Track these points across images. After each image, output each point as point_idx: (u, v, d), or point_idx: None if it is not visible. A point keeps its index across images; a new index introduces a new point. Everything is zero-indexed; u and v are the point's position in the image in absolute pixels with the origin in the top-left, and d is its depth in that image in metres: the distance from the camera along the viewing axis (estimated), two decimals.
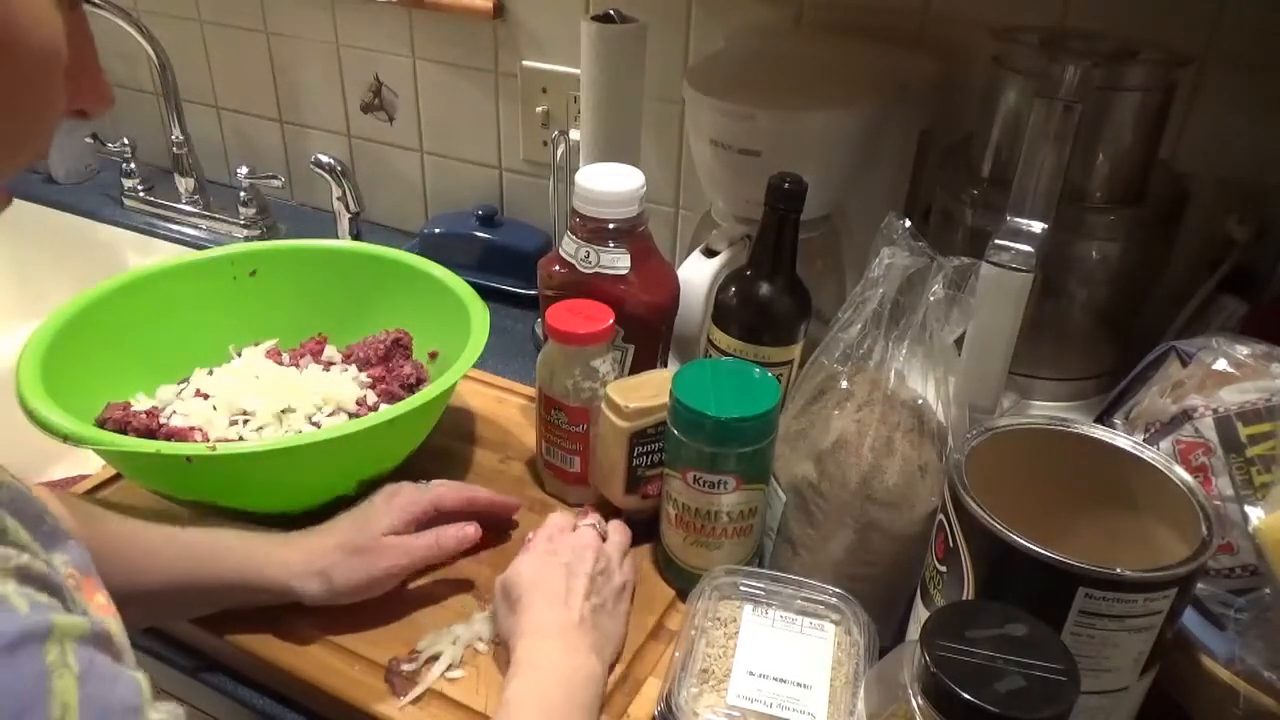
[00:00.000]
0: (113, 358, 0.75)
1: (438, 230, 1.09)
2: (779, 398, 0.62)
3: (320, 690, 0.60)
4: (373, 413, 0.70)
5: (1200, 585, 0.54)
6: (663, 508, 0.67)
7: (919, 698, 0.42)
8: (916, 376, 0.60)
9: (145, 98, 1.37)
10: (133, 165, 1.27)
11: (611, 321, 0.70)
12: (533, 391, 0.76)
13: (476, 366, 0.70)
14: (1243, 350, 0.59)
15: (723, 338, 0.72)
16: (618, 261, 0.72)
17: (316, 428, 0.71)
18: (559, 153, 0.91)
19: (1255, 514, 0.53)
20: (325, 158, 1.08)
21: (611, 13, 0.82)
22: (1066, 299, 0.76)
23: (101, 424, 0.70)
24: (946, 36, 0.84)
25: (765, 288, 0.70)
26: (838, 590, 0.60)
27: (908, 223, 0.60)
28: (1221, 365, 0.59)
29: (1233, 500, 0.55)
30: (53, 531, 0.41)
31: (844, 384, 0.61)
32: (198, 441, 0.69)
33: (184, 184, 1.25)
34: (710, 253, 0.75)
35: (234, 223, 1.22)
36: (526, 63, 1.05)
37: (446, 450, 0.80)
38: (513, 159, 1.13)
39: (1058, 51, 0.66)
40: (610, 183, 0.71)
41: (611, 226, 0.72)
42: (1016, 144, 0.69)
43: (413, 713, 0.58)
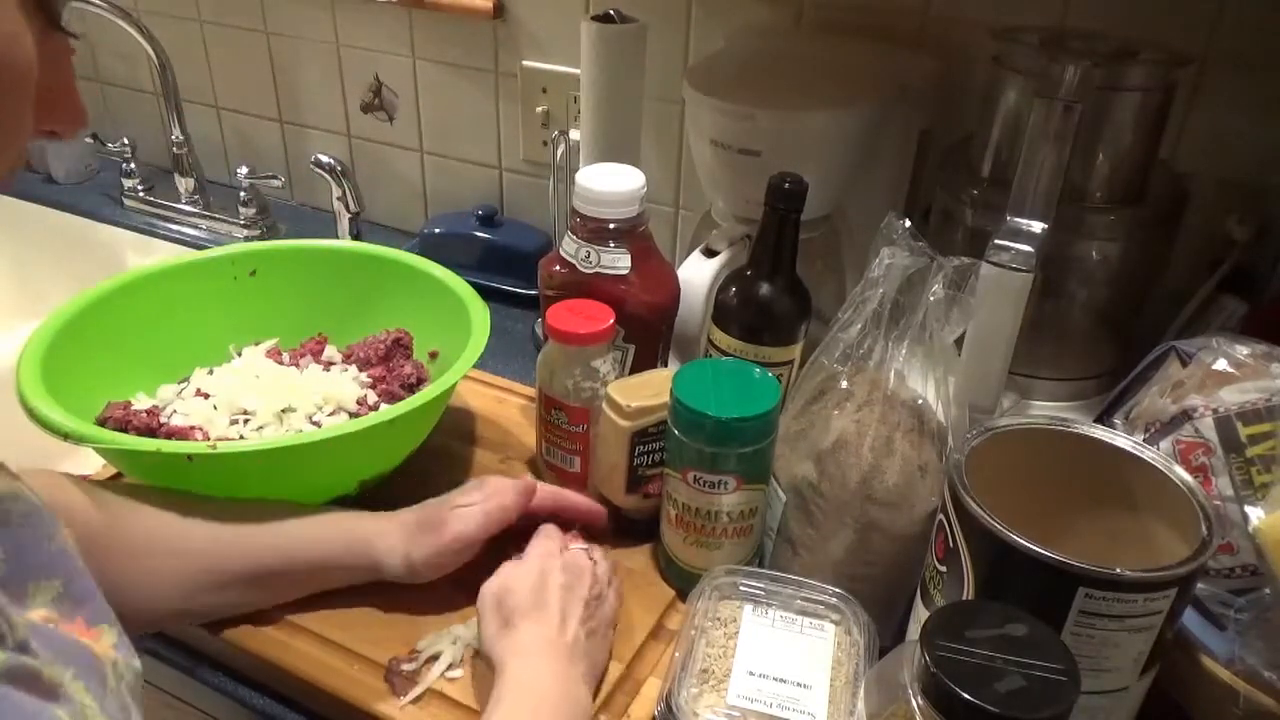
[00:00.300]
0: (113, 357, 0.75)
1: (438, 230, 1.09)
2: (779, 398, 0.62)
3: (320, 690, 0.60)
4: (373, 413, 0.70)
5: (1200, 585, 0.54)
6: (663, 508, 0.67)
7: (919, 698, 0.42)
8: (916, 376, 0.60)
9: (145, 98, 1.37)
10: (133, 165, 1.27)
11: (611, 321, 0.70)
12: (533, 391, 0.76)
13: (476, 366, 0.70)
14: (1243, 350, 0.59)
15: (723, 338, 0.72)
16: (618, 261, 0.72)
17: (317, 427, 0.71)
18: (559, 153, 0.91)
19: (1255, 514, 0.53)
20: (325, 158, 1.08)
21: (611, 13, 0.82)
22: (1066, 299, 0.76)
23: (102, 423, 0.70)
24: (946, 36, 0.84)
25: (765, 288, 0.70)
26: (838, 590, 0.60)
27: (908, 223, 0.60)
28: (1221, 365, 0.59)
29: (1233, 500, 0.55)
30: (59, 552, 0.41)
31: (844, 384, 0.61)
32: (198, 440, 0.69)
33: (184, 184, 1.25)
34: (710, 253, 0.75)
35: (234, 223, 1.22)
36: (526, 63, 1.05)
37: (446, 450, 0.80)
38: (513, 159, 1.13)
39: (1058, 51, 0.66)
40: (610, 183, 0.71)
41: (612, 226, 0.72)
42: (1016, 144, 0.69)
43: (413, 712, 0.58)
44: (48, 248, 1.31)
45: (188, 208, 1.25)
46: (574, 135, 0.89)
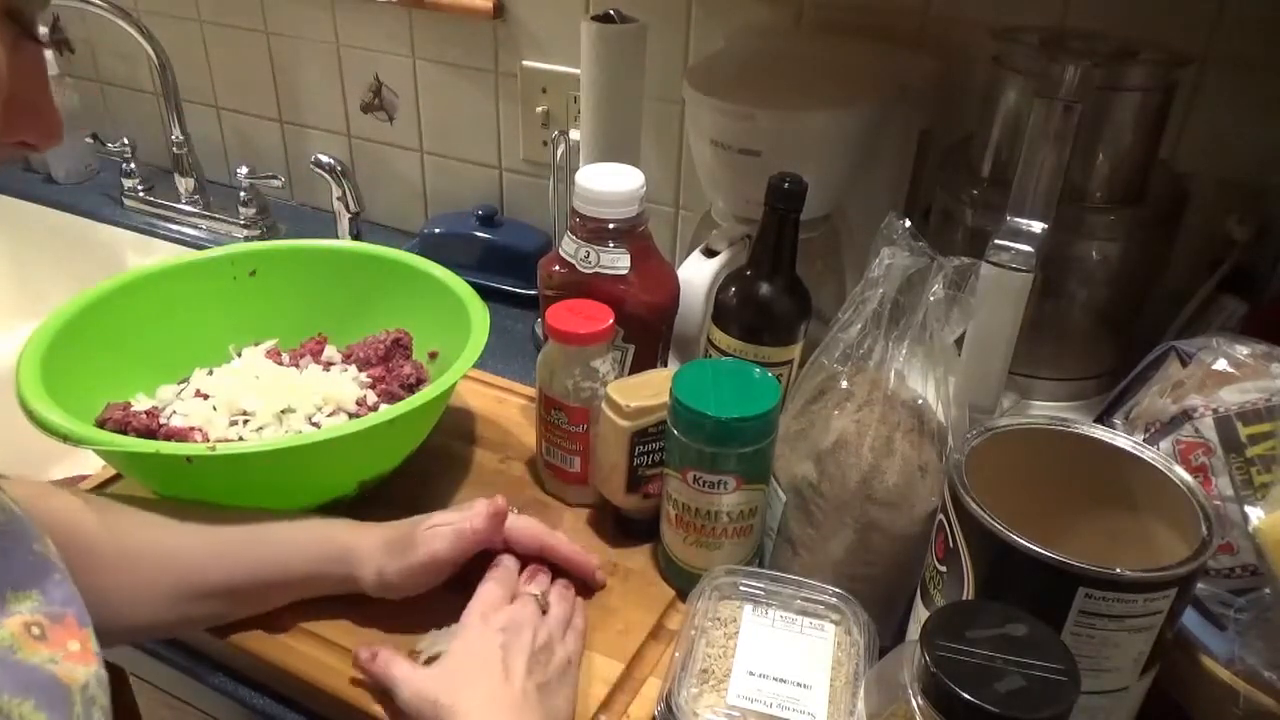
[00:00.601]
0: (113, 358, 0.75)
1: (438, 230, 1.09)
2: (779, 398, 0.62)
3: (320, 690, 0.60)
4: (373, 413, 0.70)
5: (1200, 585, 0.54)
6: (663, 508, 0.67)
7: (919, 698, 0.42)
8: (916, 376, 0.60)
9: (145, 98, 1.37)
10: (133, 165, 1.27)
11: (611, 321, 0.70)
12: (533, 391, 0.76)
13: (476, 366, 0.70)
14: (1243, 350, 0.59)
15: (723, 338, 0.72)
16: (618, 261, 0.72)
17: (316, 428, 0.71)
18: (559, 153, 0.91)
19: (1255, 514, 0.53)
20: (325, 158, 1.08)
21: (611, 13, 0.82)
22: (1066, 299, 0.76)
23: (101, 424, 0.70)
24: (946, 36, 0.84)
25: (765, 288, 0.70)
26: (838, 590, 0.60)
27: (908, 223, 0.60)
28: (1221, 365, 0.59)
29: (1233, 500, 0.55)
30: (39, 563, 0.40)
31: (844, 384, 0.61)
32: (198, 441, 0.68)
33: (184, 184, 1.25)
34: (710, 253, 0.75)
35: (234, 223, 1.22)
36: (526, 63, 1.05)
37: (446, 450, 0.80)
38: (513, 159, 1.13)
39: (1058, 51, 0.66)
40: (610, 183, 0.71)
41: (611, 226, 0.72)
42: (1016, 144, 0.69)
43: None
44: (48, 248, 1.31)
45: (188, 208, 1.25)
46: (574, 135, 0.89)
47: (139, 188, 1.28)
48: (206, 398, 0.74)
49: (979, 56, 0.78)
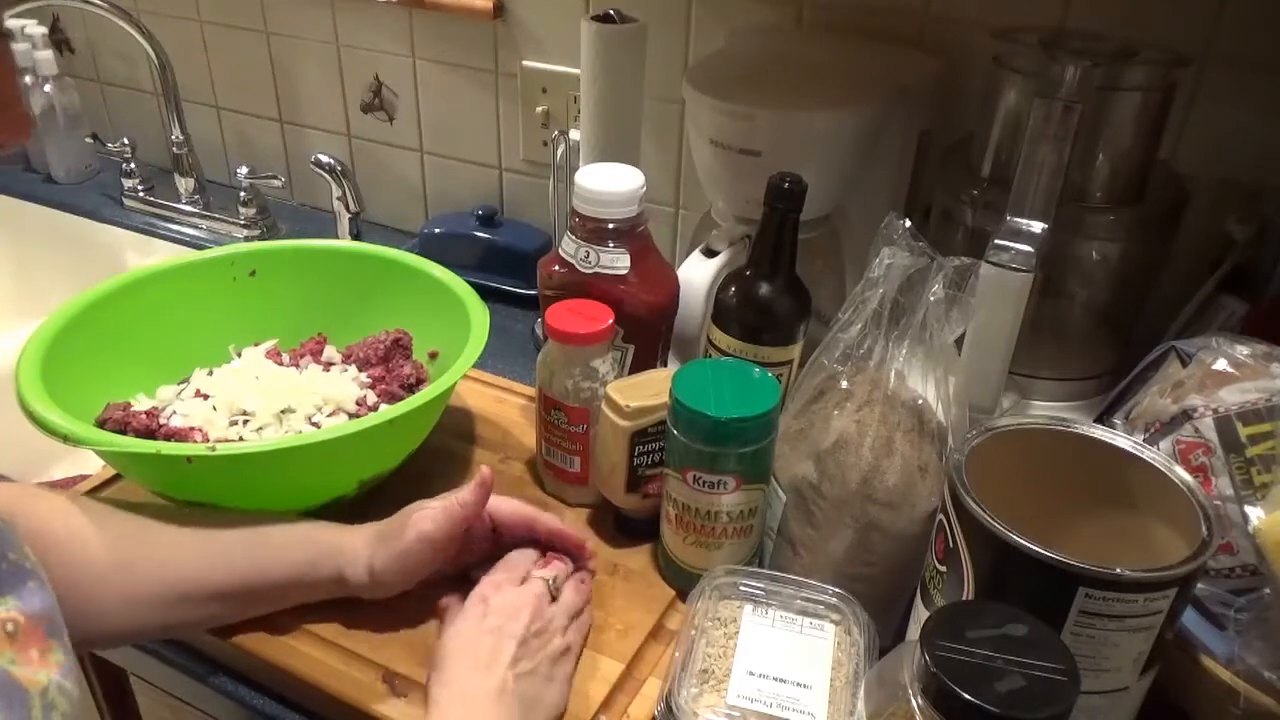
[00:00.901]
0: (113, 358, 0.75)
1: (438, 230, 1.09)
2: (779, 398, 0.62)
3: (320, 690, 0.60)
4: (373, 413, 0.70)
5: (1200, 585, 0.54)
6: (663, 508, 0.67)
7: (919, 698, 0.42)
8: (916, 376, 0.60)
9: (145, 98, 1.37)
10: (133, 165, 1.27)
11: (611, 321, 0.70)
12: (533, 391, 0.76)
13: (476, 366, 0.70)
14: (1243, 350, 0.59)
15: (723, 338, 0.72)
16: (617, 261, 0.72)
17: (316, 428, 0.71)
18: (559, 153, 0.91)
19: (1255, 514, 0.53)
20: (325, 158, 1.08)
21: (611, 13, 0.82)
22: (1066, 299, 0.76)
23: (101, 424, 0.70)
24: (946, 36, 0.84)
25: (765, 288, 0.70)
26: (838, 590, 0.60)
27: (908, 223, 0.60)
28: (1221, 365, 0.59)
29: (1233, 500, 0.55)
30: (13, 571, 0.40)
31: (844, 384, 0.61)
32: (197, 442, 0.69)
33: (184, 184, 1.25)
34: (710, 253, 0.75)
35: (234, 223, 1.22)
36: (526, 63, 1.05)
37: (446, 450, 0.80)
38: (513, 159, 1.13)
39: (1058, 51, 0.66)
40: (610, 183, 0.71)
41: (611, 226, 0.72)
42: (1016, 144, 0.69)
43: (414, 713, 0.58)
44: (48, 248, 1.31)
45: (188, 208, 1.25)
46: (574, 135, 0.88)
47: (139, 188, 1.28)
48: (206, 398, 0.74)
49: (979, 56, 0.77)
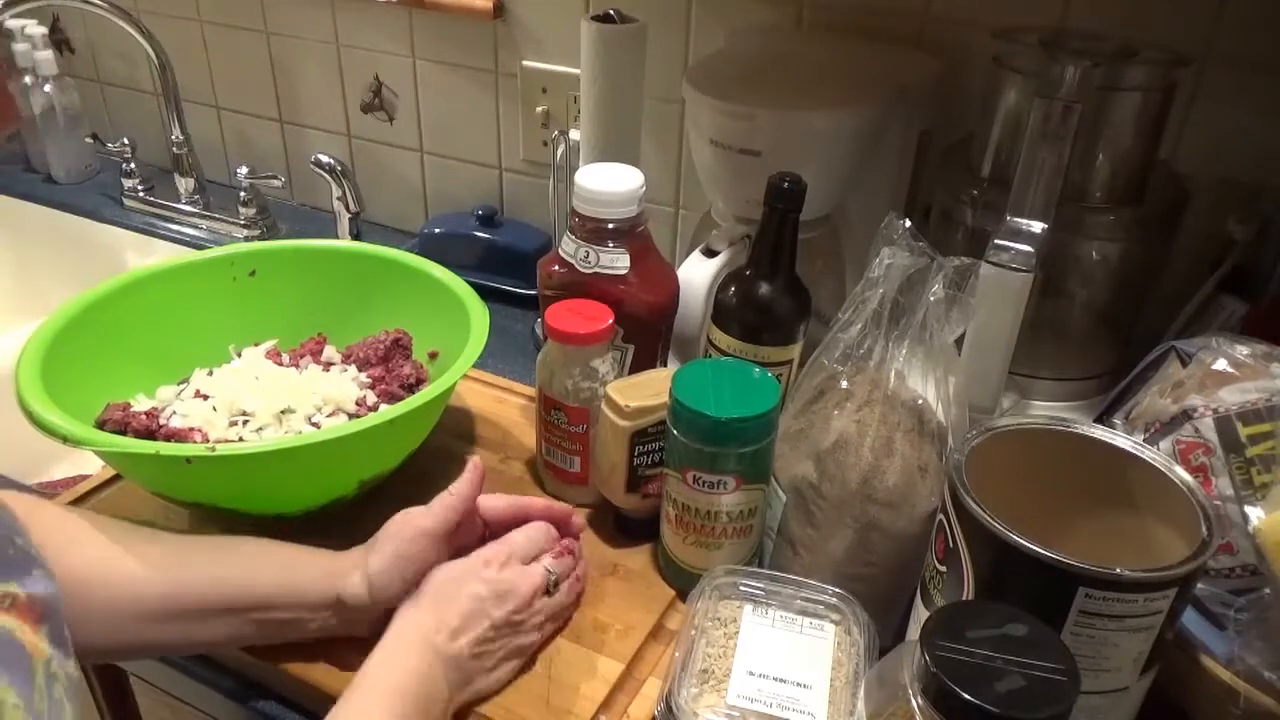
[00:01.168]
0: (113, 358, 0.75)
1: (438, 230, 1.09)
2: (779, 398, 0.62)
3: (320, 691, 0.60)
4: (373, 413, 0.70)
5: (1200, 585, 0.54)
6: (663, 508, 0.67)
7: (919, 698, 0.42)
8: (916, 376, 0.60)
9: (145, 98, 1.37)
10: (133, 165, 1.27)
11: (611, 321, 0.70)
12: (533, 391, 0.76)
13: (476, 366, 0.70)
14: (1243, 350, 0.59)
15: (722, 338, 0.72)
16: (617, 261, 0.72)
17: (316, 428, 0.71)
18: (559, 153, 0.91)
19: (1255, 514, 0.53)
20: (325, 158, 1.08)
21: (611, 13, 0.82)
22: (1066, 299, 0.76)
23: (101, 425, 0.70)
24: (946, 36, 0.84)
25: (765, 288, 0.70)
26: (838, 590, 0.60)
27: (908, 223, 0.60)
28: (1221, 365, 0.59)
29: (1233, 500, 0.55)
30: (20, 557, 0.40)
31: (844, 384, 0.61)
32: (197, 442, 0.68)
33: (184, 184, 1.25)
34: (710, 253, 0.75)
35: (234, 223, 1.22)
36: (526, 63, 1.05)
37: (446, 450, 0.80)
38: (513, 159, 1.13)
39: (1058, 51, 0.66)
40: (610, 183, 0.71)
41: (611, 226, 0.72)
42: (1016, 144, 0.69)
43: None
44: (48, 248, 1.31)
45: (188, 208, 1.25)
46: (574, 135, 0.88)
47: (139, 188, 1.28)
48: (206, 398, 0.74)
49: (979, 56, 0.77)
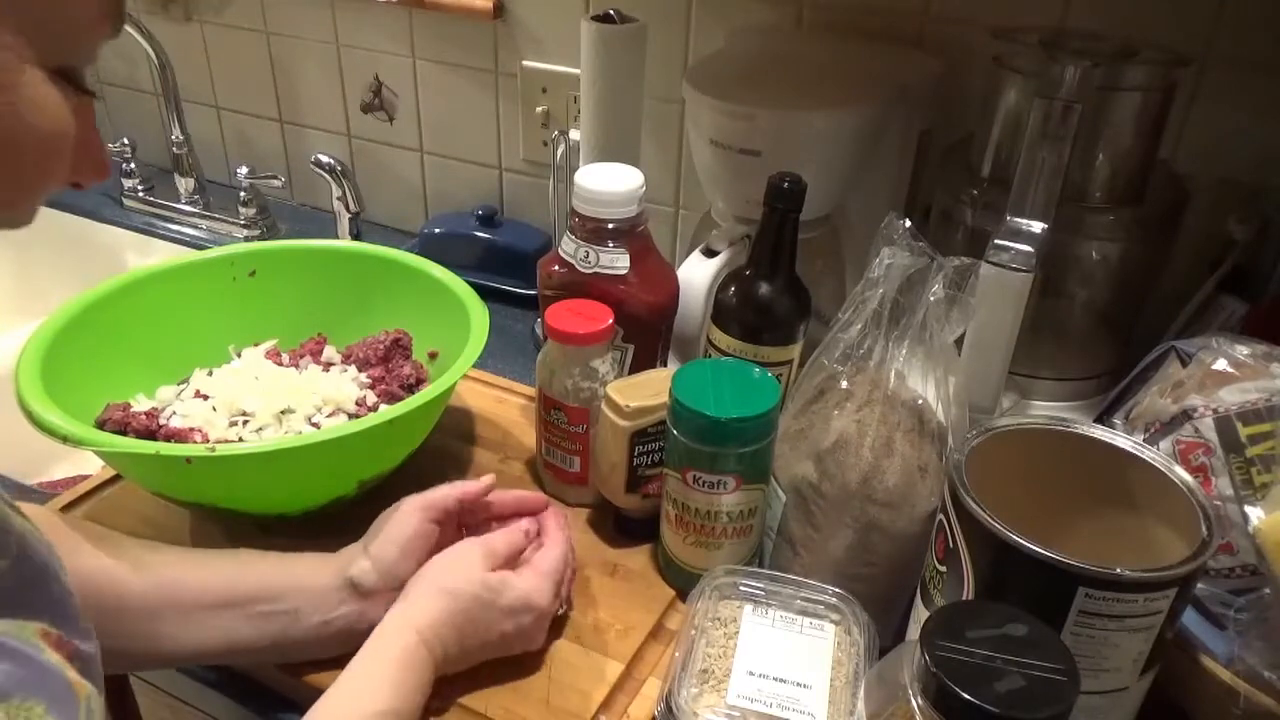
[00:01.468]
0: (113, 358, 0.75)
1: (438, 230, 1.09)
2: (779, 398, 0.62)
3: (317, 691, 0.59)
4: (372, 413, 0.70)
5: (1200, 585, 0.54)
6: (663, 508, 0.67)
7: (919, 698, 0.42)
8: (916, 376, 0.60)
9: (145, 98, 1.37)
10: (133, 165, 1.27)
11: (611, 321, 0.70)
12: (533, 391, 0.76)
13: (476, 366, 0.70)
14: (1243, 350, 0.59)
15: (722, 338, 0.72)
16: (617, 261, 0.72)
17: (316, 428, 0.71)
18: (559, 153, 0.91)
19: (1255, 514, 0.53)
20: (325, 158, 1.08)
21: (611, 13, 0.82)
22: (1066, 299, 0.76)
23: (101, 425, 0.70)
24: (946, 36, 0.84)
25: (765, 288, 0.70)
26: (838, 590, 0.60)
27: (908, 223, 0.60)
28: (1221, 365, 0.59)
29: (1233, 500, 0.55)
30: (61, 594, 0.42)
31: (844, 384, 0.61)
32: (197, 442, 0.68)
33: (184, 184, 1.25)
34: (710, 253, 0.75)
35: (234, 223, 1.22)
36: (526, 63, 1.05)
37: (446, 450, 0.80)
38: (513, 159, 1.13)
39: (1058, 51, 0.66)
40: (609, 183, 0.71)
41: (611, 226, 0.72)
42: (1016, 144, 0.69)
43: None
44: (48, 248, 1.31)
45: (188, 208, 1.25)
46: (574, 135, 0.89)
47: (139, 188, 1.28)
48: (206, 398, 0.74)
49: (979, 56, 0.77)
